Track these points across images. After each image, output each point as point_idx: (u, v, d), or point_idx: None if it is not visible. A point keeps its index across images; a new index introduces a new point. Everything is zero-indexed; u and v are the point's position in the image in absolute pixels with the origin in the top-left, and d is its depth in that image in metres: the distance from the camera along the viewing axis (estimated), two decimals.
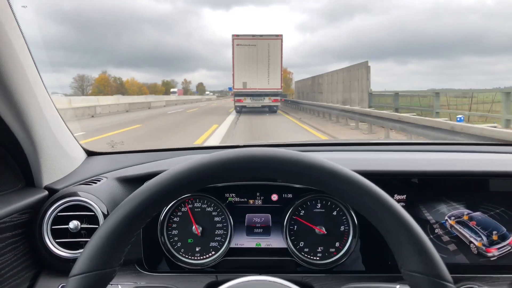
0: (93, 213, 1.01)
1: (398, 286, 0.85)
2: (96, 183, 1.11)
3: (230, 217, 1.07)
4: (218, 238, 1.08)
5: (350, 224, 1.07)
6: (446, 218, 1.06)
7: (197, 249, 1.08)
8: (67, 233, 1.00)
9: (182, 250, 1.08)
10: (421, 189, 1.07)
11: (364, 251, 1.08)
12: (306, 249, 1.07)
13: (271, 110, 21.75)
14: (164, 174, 0.59)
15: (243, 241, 1.09)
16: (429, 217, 1.07)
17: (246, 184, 1.10)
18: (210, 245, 1.08)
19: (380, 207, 0.57)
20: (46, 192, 1.05)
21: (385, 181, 1.05)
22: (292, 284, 0.74)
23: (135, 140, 10.20)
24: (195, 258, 1.07)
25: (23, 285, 0.95)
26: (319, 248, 1.07)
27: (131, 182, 1.14)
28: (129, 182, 1.14)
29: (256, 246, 1.09)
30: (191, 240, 1.08)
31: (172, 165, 0.61)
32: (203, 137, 10.67)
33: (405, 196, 1.06)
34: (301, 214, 1.08)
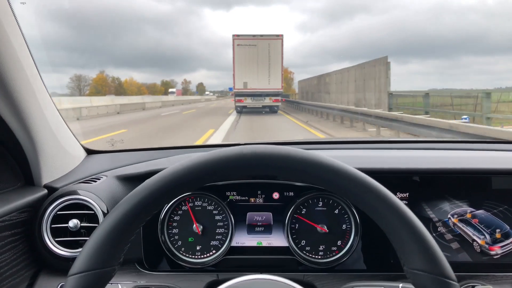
0: (93, 212, 1.00)
1: (401, 285, 0.85)
2: (95, 181, 1.10)
3: (231, 215, 1.06)
4: (219, 237, 1.07)
5: (352, 222, 1.06)
6: (449, 216, 1.06)
7: (197, 248, 1.07)
8: (67, 232, 0.99)
9: (183, 249, 1.07)
10: (424, 187, 1.06)
11: (366, 250, 1.07)
12: (307, 248, 1.07)
13: (272, 110, 21.75)
14: (164, 171, 0.59)
15: (244, 240, 1.08)
16: (432, 215, 1.06)
17: (247, 183, 1.09)
18: (211, 243, 1.07)
19: (383, 205, 0.57)
20: (46, 191, 1.05)
21: (388, 179, 1.05)
22: (294, 283, 0.74)
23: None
24: (196, 257, 1.07)
25: (22, 284, 0.95)
26: (320, 246, 1.06)
27: (131, 180, 1.13)
28: (129, 180, 1.13)
29: (257, 245, 1.08)
30: (191, 239, 1.07)
31: (172, 163, 0.60)
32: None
33: (407, 194, 1.06)
34: (302, 212, 1.07)
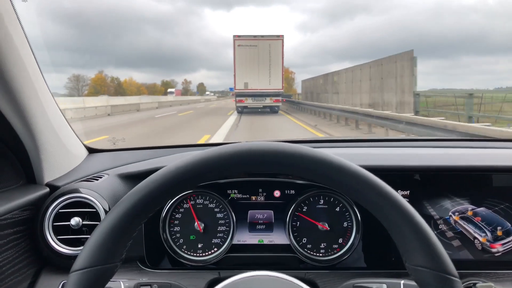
0: (95, 210, 1.00)
1: (402, 282, 0.85)
2: (97, 179, 1.10)
3: (233, 213, 1.06)
4: (220, 235, 1.07)
5: (353, 220, 1.06)
6: (450, 213, 1.06)
7: (199, 246, 1.07)
8: (69, 230, 0.99)
9: (184, 247, 1.07)
10: (425, 185, 1.06)
11: (367, 247, 1.07)
12: (309, 246, 1.07)
13: (273, 111, 21.76)
14: (166, 168, 0.59)
15: (246, 238, 1.09)
16: (433, 213, 1.06)
17: (248, 180, 1.09)
18: (213, 241, 1.07)
19: (385, 202, 0.57)
20: (48, 189, 1.05)
21: (389, 177, 1.05)
22: (296, 279, 0.74)
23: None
24: (197, 254, 1.07)
25: (24, 282, 0.95)
26: (322, 244, 1.06)
27: (133, 178, 1.14)
28: (130, 178, 1.14)
29: (258, 243, 1.09)
30: (193, 237, 1.07)
31: (173, 162, 0.60)
32: None
33: (409, 191, 1.06)
34: (304, 210, 1.07)
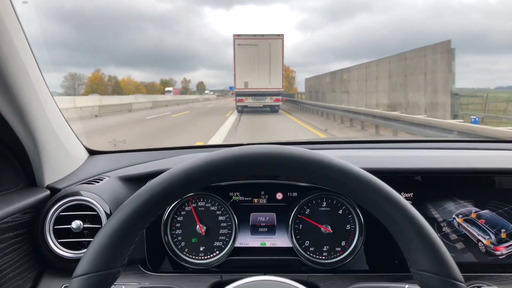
0: (96, 213, 0.99)
1: (407, 286, 0.84)
2: (98, 182, 1.09)
3: (235, 216, 1.06)
4: (222, 238, 1.07)
5: (356, 222, 1.05)
6: (454, 216, 1.05)
7: (201, 249, 1.06)
8: (70, 233, 0.99)
9: (186, 250, 1.06)
10: (428, 187, 1.06)
11: (370, 250, 1.07)
12: (311, 248, 1.06)
13: (273, 110, 21.78)
14: (169, 172, 0.58)
15: (248, 241, 1.08)
16: (437, 215, 1.05)
17: (250, 183, 1.09)
18: (214, 244, 1.06)
19: (390, 206, 0.56)
20: (48, 192, 1.04)
21: (392, 179, 1.04)
22: (299, 284, 0.73)
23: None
24: (199, 257, 1.06)
25: (25, 286, 0.94)
26: (324, 247, 1.06)
27: (134, 181, 1.13)
28: (131, 181, 1.13)
29: (261, 246, 1.08)
30: (195, 240, 1.06)
31: (175, 164, 0.59)
32: None
33: (412, 194, 1.05)
34: (306, 213, 1.06)
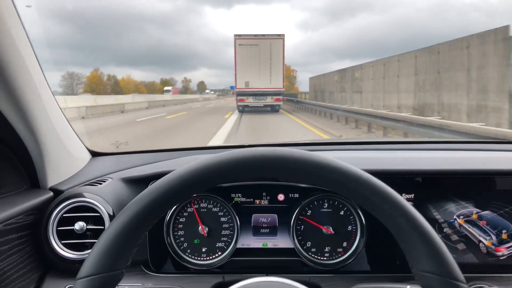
0: (99, 214, 1.00)
1: (408, 287, 0.84)
2: (101, 183, 1.10)
3: (237, 217, 1.06)
4: (224, 239, 1.07)
5: (358, 223, 1.06)
6: (455, 217, 1.05)
7: (203, 250, 1.07)
8: (73, 234, 0.99)
9: (189, 251, 1.07)
10: (429, 188, 1.06)
11: (371, 251, 1.07)
12: (313, 249, 1.06)
13: (274, 110, 21.77)
14: (173, 174, 0.59)
15: (250, 242, 1.08)
16: (438, 216, 1.05)
17: (252, 184, 1.09)
18: (217, 245, 1.07)
19: (391, 207, 0.56)
20: (51, 193, 1.05)
21: (393, 180, 1.05)
22: (301, 284, 0.73)
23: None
24: (202, 258, 1.07)
25: (29, 287, 0.95)
26: (326, 248, 1.06)
27: (137, 182, 1.13)
28: (134, 182, 1.14)
29: (262, 246, 1.08)
30: (197, 241, 1.07)
31: (178, 165, 0.60)
32: None
33: (413, 195, 1.05)
34: (308, 214, 1.07)
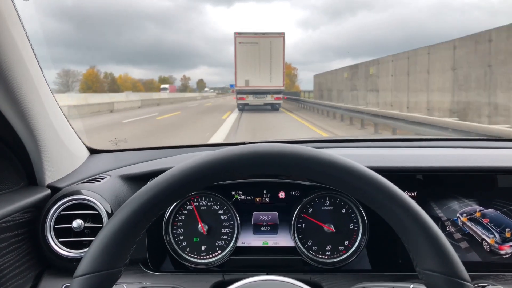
0: (97, 212, 0.99)
1: (411, 286, 0.83)
2: (99, 181, 1.09)
3: (237, 215, 1.05)
4: (224, 237, 1.06)
5: (360, 221, 1.04)
6: (458, 215, 1.04)
7: (203, 248, 1.06)
8: (71, 232, 0.98)
9: (188, 249, 1.06)
10: (432, 186, 1.05)
11: (373, 250, 1.06)
12: (314, 248, 1.05)
13: (274, 108, 21.79)
14: (171, 171, 0.58)
15: (250, 240, 1.07)
16: (441, 214, 1.04)
17: (252, 182, 1.08)
18: (216, 244, 1.06)
19: (396, 205, 0.56)
20: (49, 191, 1.04)
21: (396, 178, 1.03)
22: (303, 283, 0.72)
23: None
24: (201, 257, 1.05)
25: (26, 285, 0.94)
26: (327, 246, 1.05)
27: (135, 180, 1.12)
28: (133, 180, 1.12)
29: (263, 245, 1.07)
30: (196, 239, 1.06)
31: (177, 163, 0.59)
32: None
33: (416, 193, 1.04)
34: (309, 211, 1.05)
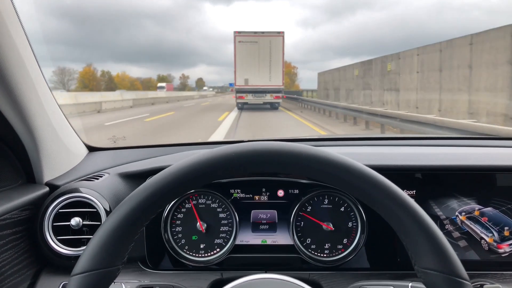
0: (95, 210, 0.99)
1: (410, 284, 0.83)
2: (98, 179, 1.09)
3: (235, 213, 1.05)
4: (223, 235, 1.06)
5: (358, 220, 1.04)
6: (457, 213, 1.04)
7: (201, 246, 1.05)
8: (69, 230, 0.98)
9: (186, 247, 1.05)
10: (431, 184, 1.05)
11: (372, 248, 1.06)
12: (313, 246, 1.05)
13: (273, 107, 21.79)
14: (169, 169, 0.57)
15: (249, 238, 1.07)
16: (439, 213, 1.04)
17: (251, 180, 1.08)
18: (215, 242, 1.06)
19: (394, 203, 0.56)
20: (47, 188, 1.04)
21: (395, 176, 1.03)
22: (301, 282, 0.72)
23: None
24: (200, 255, 1.05)
25: (24, 283, 0.94)
26: (326, 244, 1.05)
27: (134, 178, 1.12)
28: (131, 178, 1.12)
29: (261, 243, 1.07)
30: (195, 237, 1.05)
31: (176, 161, 0.59)
32: None
33: (414, 191, 1.04)
34: (308, 210, 1.05)
